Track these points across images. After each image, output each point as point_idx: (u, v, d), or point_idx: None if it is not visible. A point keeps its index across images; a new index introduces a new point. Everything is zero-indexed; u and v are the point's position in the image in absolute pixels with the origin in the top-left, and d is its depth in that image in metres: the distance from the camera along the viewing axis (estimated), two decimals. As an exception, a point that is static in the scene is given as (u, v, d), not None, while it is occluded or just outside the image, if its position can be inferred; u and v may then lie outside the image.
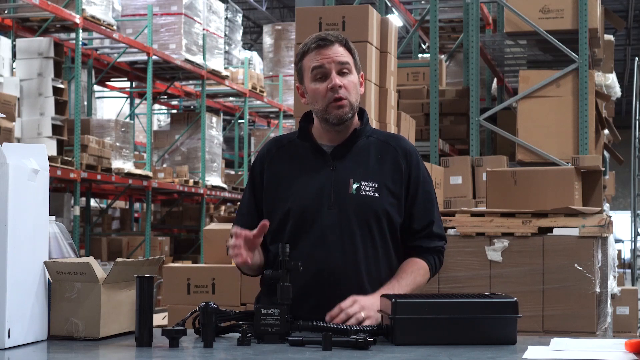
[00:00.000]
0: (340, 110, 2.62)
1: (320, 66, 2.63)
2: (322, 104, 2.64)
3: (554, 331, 4.41)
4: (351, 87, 2.64)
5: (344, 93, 2.62)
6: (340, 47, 2.66)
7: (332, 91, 2.62)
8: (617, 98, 10.01)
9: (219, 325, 2.36)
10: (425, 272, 2.71)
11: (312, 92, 2.66)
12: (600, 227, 4.53)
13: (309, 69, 2.66)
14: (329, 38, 2.66)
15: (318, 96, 2.64)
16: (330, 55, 2.63)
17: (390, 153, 2.71)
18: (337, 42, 2.66)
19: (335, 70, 2.63)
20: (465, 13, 8.86)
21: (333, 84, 2.61)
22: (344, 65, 2.64)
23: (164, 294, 5.08)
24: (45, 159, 2.35)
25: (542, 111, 7.06)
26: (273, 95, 16.99)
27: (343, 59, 2.64)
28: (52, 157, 9.54)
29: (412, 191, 2.70)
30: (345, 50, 2.67)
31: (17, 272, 2.19)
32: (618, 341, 2.16)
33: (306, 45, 2.68)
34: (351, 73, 2.66)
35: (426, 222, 2.72)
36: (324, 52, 2.64)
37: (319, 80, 2.65)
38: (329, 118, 2.65)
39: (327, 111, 2.64)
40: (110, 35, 11.32)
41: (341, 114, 2.63)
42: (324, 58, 2.63)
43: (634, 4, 21.84)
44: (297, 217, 2.64)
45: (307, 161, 2.69)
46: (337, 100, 2.62)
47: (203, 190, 13.69)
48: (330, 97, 2.62)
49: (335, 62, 2.63)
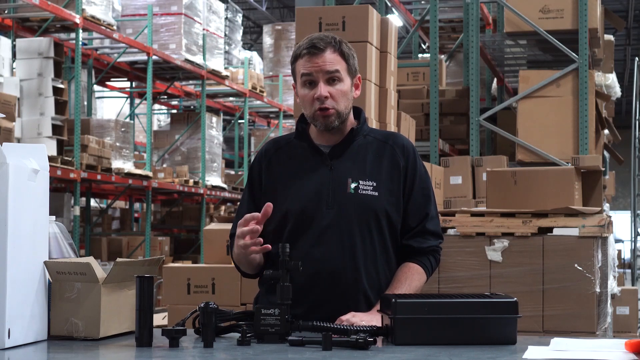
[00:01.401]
0: (325, 119, 2.65)
1: (308, 74, 2.64)
2: (309, 110, 2.67)
3: (554, 331, 4.41)
4: (339, 96, 2.64)
5: (330, 103, 2.63)
6: (332, 53, 2.64)
7: (318, 101, 2.63)
8: (617, 98, 10.01)
9: (219, 325, 2.36)
10: (421, 276, 2.71)
11: (301, 97, 2.69)
12: (600, 227, 4.53)
13: (299, 73, 2.68)
14: (320, 45, 2.64)
15: (306, 102, 2.67)
16: (319, 64, 2.63)
17: (388, 151, 2.71)
18: (329, 48, 2.65)
19: (324, 80, 2.63)
20: (465, 13, 8.86)
21: (318, 95, 2.62)
22: (333, 73, 2.64)
23: (164, 294, 5.08)
24: (45, 159, 2.35)
25: (542, 111, 7.06)
26: (273, 95, 16.99)
27: (332, 67, 2.64)
28: (52, 157, 9.54)
29: (408, 187, 2.70)
30: (337, 56, 2.65)
31: (17, 272, 2.19)
32: (618, 341, 2.16)
33: (299, 48, 2.68)
34: (341, 80, 2.65)
35: (421, 218, 2.72)
36: (313, 60, 2.63)
37: (307, 86, 2.66)
38: (316, 124, 2.68)
39: (314, 118, 2.67)
40: (110, 35, 11.32)
41: (327, 122, 2.65)
42: (312, 66, 2.63)
43: (634, 4, 21.84)
44: (296, 217, 2.64)
45: (305, 161, 2.70)
46: (323, 110, 2.63)
47: (203, 190, 13.69)
48: (316, 105, 2.64)
49: (323, 71, 2.63)
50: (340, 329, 2.29)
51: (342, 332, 2.28)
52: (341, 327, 2.30)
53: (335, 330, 2.28)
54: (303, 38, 2.74)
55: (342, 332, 2.27)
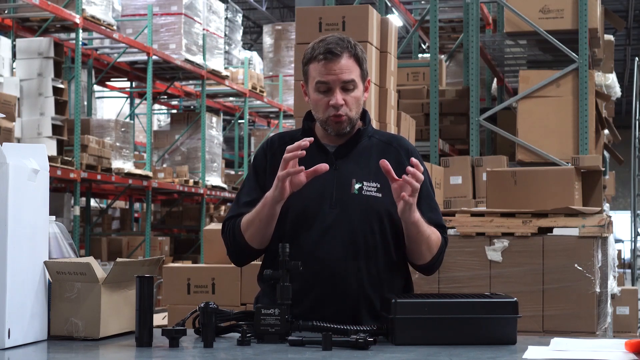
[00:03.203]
0: (338, 125, 2.64)
1: (325, 82, 2.62)
2: (322, 115, 2.65)
3: (554, 331, 4.42)
4: (353, 103, 2.64)
5: (344, 110, 2.62)
6: (348, 59, 2.62)
7: (333, 108, 2.62)
8: (617, 98, 10.01)
9: (219, 325, 2.36)
10: (438, 240, 2.67)
11: (314, 101, 2.66)
12: (600, 227, 4.53)
13: (313, 78, 2.65)
14: (337, 51, 2.61)
15: (319, 107, 2.65)
16: (337, 72, 2.61)
17: (393, 153, 2.70)
18: (346, 52, 2.62)
19: (339, 88, 2.62)
20: (465, 13, 8.86)
21: (334, 103, 2.61)
22: (349, 83, 2.62)
23: (164, 294, 5.08)
24: (45, 159, 2.35)
25: (542, 111, 7.06)
26: (273, 95, 16.99)
27: (349, 76, 2.62)
28: (52, 157, 9.54)
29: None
30: (353, 62, 2.63)
31: (17, 272, 2.19)
32: (618, 341, 2.17)
33: (315, 50, 2.65)
34: (356, 88, 2.64)
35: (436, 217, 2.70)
36: (330, 67, 2.61)
37: (322, 92, 2.64)
38: (327, 129, 2.67)
39: (326, 122, 2.65)
40: (110, 35, 11.32)
41: (339, 128, 2.64)
42: (329, 74, 2.61)
43: (634, 4, 21.84)
44: (297, 215, 2.63)
45: (309, 160, 2.68)
46: (337, 117, 2.62)
47: (203, 190, 13.69)
48: (331, 112, 2.63)
49: (340, 80, 2.61)
50: (340, 329, 2.29)
51: (342, 332, 2.28)
52: (341, 327, 2.30)
53: (335, 330, 2.28)
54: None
55: (342, 332, 2.28)
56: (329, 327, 2.30)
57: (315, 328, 2.31)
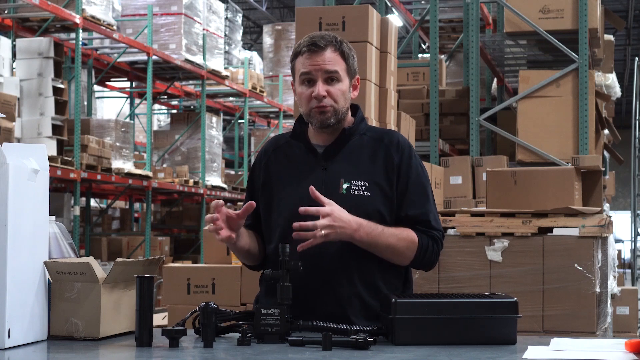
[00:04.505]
0: (322, 115, 2.64)
1: (307, 72, 2.64)
2: (306, 108, 2.66)
3: (554, 331, 4.42)
4: (337, 95, 2.64)
5: (327, 102, 2.63)
6: (332, 52, 2.64)
7: (315, 99, 2.63)
8: (617, 98, 10.02)
9: (219, 325, 2.36)
10: (410, 243, 2.62)
11: (299, 95, 2.68)
12: (600, 227, 4.53)
13: (298, 71, 2.68)
14: (320, 43, 2.64)
15: (303, 100, 2.67)
16: (319, 63, 2.63)
17: (383, 149, 2.69)
18: (329, 46, 2.64)
19: (322, 79, 2.63)
20: (465, 13, 8.86)
21: (316, 94, 2.62)
22: (332, 74, 2.64)
23: (164, 294, 5.08)
24: (45, 159, 2.35)
25: (542, 111, 7.06)
26: (273, 95, 17.00)
27: (332, 67, 2.63)
28: (52, 157, 9.54)
29: (402, 182, 2.65)
30: (337, 56, 2.65)
31: (17, 272, 2.19)
32: (618, 341, 2.17)
33: (300, 45, 2.68)
34: (340, 80, 2.65)
35: (418, 211, 2.66)
36: (313, 58, 2.63)
37: (305, 84, 2.66)
38: (312, 122, 2.68)
39: (310, 115, 2.66)
40: (110, 35, 11.32)
41: (323, 119, 2.64)
42: (312, 65, 2.63)
43: (634, 4, 21.84)
44: (288, 218, 2.62)
45: (300, 162, 2.70)
46: (320, 108, 2.63)
47: (203, 190, 13.69)
48: (313, 103, 2.64)
49: (322, 70, 2.63)
50: (341, 329, 2.29)
51: (342, 332, 2.28)
52: (341, 327, 2.30)
53: (335, 330, 2.28)
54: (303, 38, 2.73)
55: (342, 332, 2.28)
56: (329, 327, 2.30)
57: (315, 328, 2.31)
